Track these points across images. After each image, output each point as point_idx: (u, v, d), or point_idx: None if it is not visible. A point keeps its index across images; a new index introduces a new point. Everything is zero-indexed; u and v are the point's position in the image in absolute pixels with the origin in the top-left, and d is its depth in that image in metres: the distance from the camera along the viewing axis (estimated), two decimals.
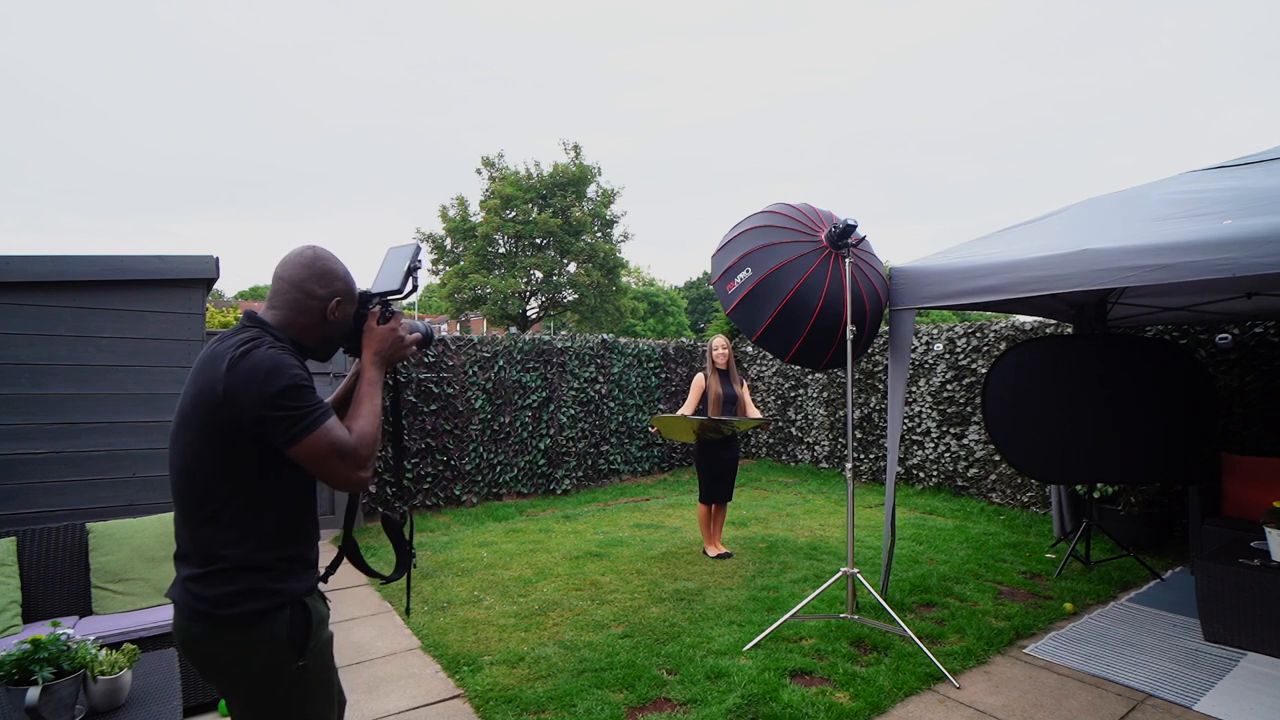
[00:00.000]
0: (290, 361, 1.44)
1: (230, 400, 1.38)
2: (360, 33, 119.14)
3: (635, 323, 35.00)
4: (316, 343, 1.61)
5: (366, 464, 1.48)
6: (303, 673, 1.47)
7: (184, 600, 1.45)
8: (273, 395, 1.38)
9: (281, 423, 1.38)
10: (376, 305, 1.66)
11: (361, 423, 1.50)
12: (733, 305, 3.76)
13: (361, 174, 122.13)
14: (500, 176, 24.08)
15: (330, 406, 1.49)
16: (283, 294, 1.56)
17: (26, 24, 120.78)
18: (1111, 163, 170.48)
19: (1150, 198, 3.61)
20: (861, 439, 8.08)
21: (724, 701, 2.95)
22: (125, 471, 3.52)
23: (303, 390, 1.42)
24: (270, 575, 1.45)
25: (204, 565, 1.43)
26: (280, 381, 1.39)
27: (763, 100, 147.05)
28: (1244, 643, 3.50)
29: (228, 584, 1.41)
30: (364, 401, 1.54)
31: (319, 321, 1.58)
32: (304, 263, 1.57)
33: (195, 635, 1.44)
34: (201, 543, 1.44)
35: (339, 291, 1.59)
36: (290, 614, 1.46)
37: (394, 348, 1.64)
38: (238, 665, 1.44)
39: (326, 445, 1.41)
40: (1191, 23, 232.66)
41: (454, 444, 7.06)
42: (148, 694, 2.08)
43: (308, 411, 1.41)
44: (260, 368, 1.39)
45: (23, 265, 3.32)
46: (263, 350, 1.42)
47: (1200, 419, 4.55)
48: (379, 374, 1.61)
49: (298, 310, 1.56)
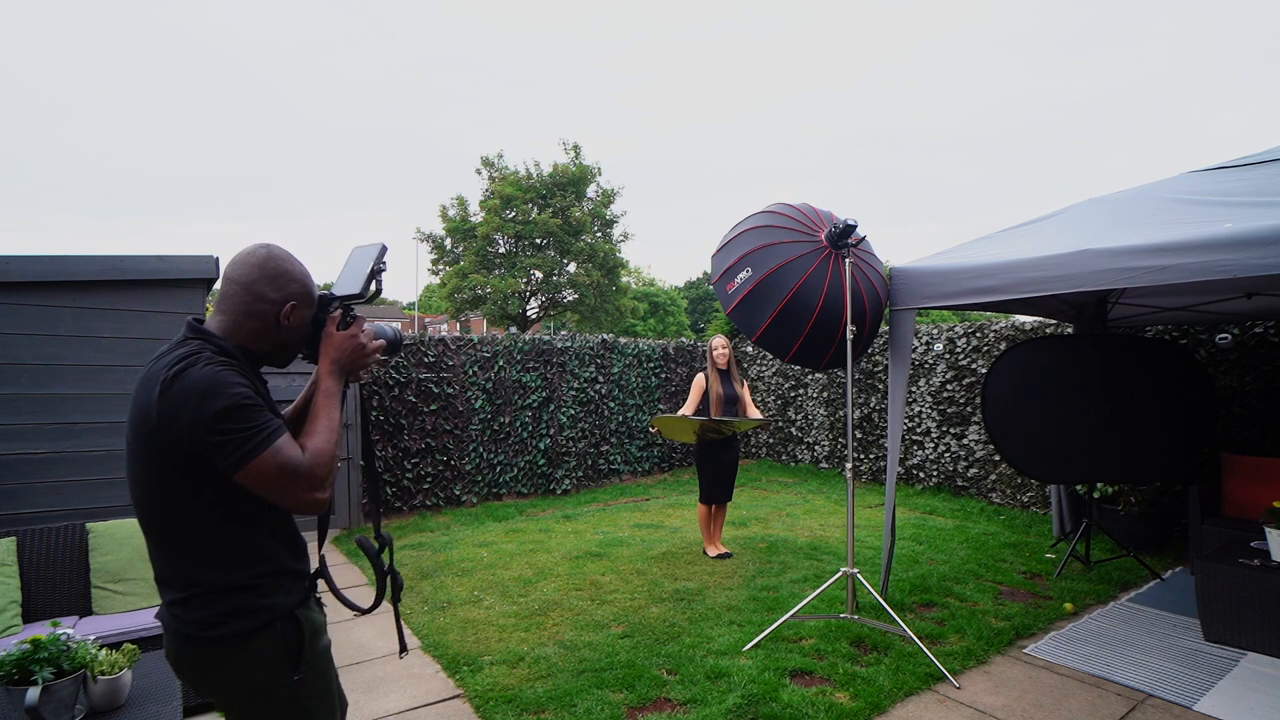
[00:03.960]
0: (229, 379, 1.30)
1: (166, 427, 1.28)
2: (359, 33, 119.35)
3: (635, 323, 34.98)
4: (269, 349, 1.48)
5: (323, 484, 1.36)
6: (299, 686, 1.42)
7: (169, 623, 1.39)
8: (210, 419, 1.26)
9: (223, 448, 1.27)
10: (337, 309, 1.51)
11: (317, 440, 1.38)
12: (733, 305, 3.76)
13: (361, 174, 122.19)
14: (500, 176, 24.04)
15: (282, 423, 1.36)
16: (232, 297, 1.43)
17: (27, 25, 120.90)
18: (1110, 163, 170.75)
19: (1150, 198, 3.61)
20: (861, 439, 8.08)
21: (724, 701, 2.95)
22: (125, 471, 3.52)
23: (244, 410, 1.29)
24: (255, 593, 1.38)
25: (184, 590, 1.37)
26: (218, 403, 1.27)
27: (762, 100, 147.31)
28: (1244, 643, 3.50)
29: (211, 606, 1.35)
30: (320, 416, 1.42)
31: (272, 327, 1.44)
32: (255, 263, 1.44)
33: (185, 656, 1.39)
34: (177, 569, 1.37)
35: (294, 294, 1.46)
36: (281, 629, 1.40)
37: (354, 355, 1.50)
38: (232, 685, 1.39)
39: (275, 467, 1.29)
40: (1190, 23, 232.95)
41: (454, 444, 7.06)
42: (148, 694, 2.08)
43: (253, 433, 1.29)
44: (195, 389, 1.27)
45: (23, 265, 3.32)
46: (198, 369, 1.29)
47: (1200, 419, 4.55)
48: (337, 384, 1.48)
49: (248, 315, 1.43)
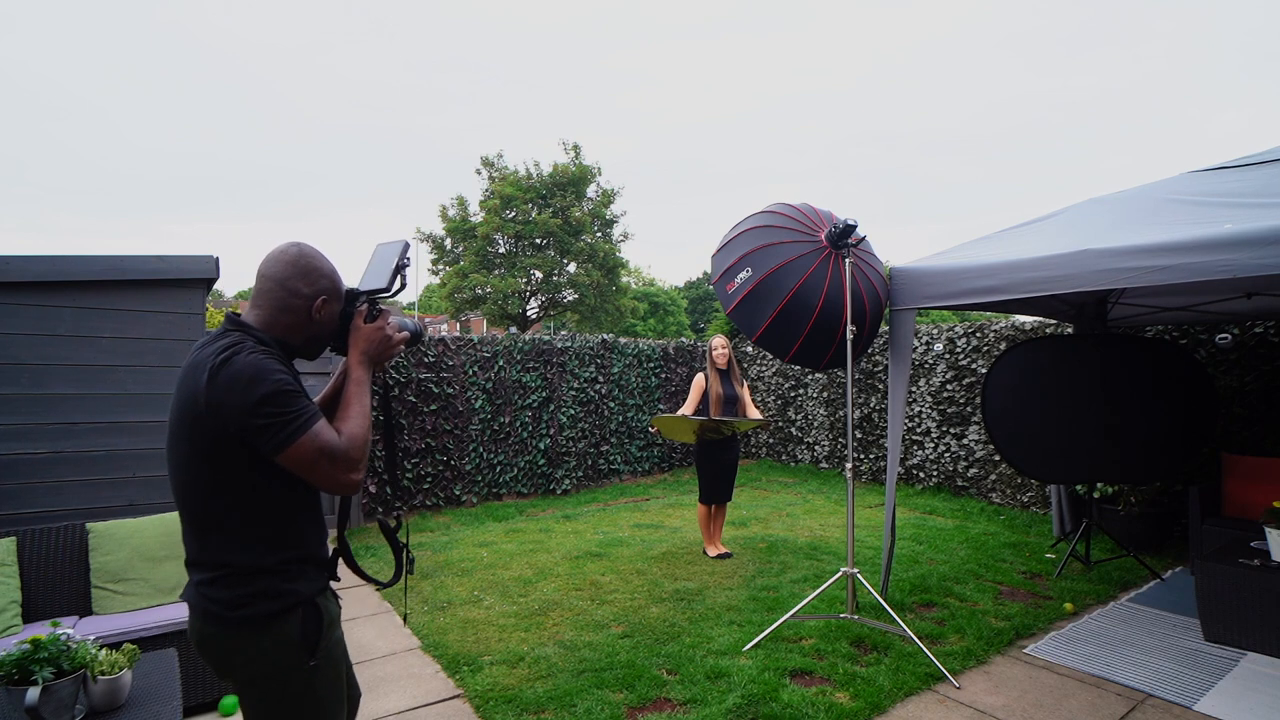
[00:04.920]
0: (273, 366, 1.41)
1: (214, 411, 1.36)
2: (359, 33, 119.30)
3: (635, 323, 34.97)
4: (302, 342, 1.58)
5: (358, 466, 1.46)
6: (314, 673, 1.48)
7: (197, 602, 1.46)
8: (255, 403, 1.35)
9: (267, 430, 1.36)
10: (363, 303, 1.62)
11: (351, 424, 1.48)
12: (733, 305, 3.76)
13: (361, 174, 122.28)
14: (500, 176, 24.02)
15: (318, 409, 1.46)
16: (267, 293, 1.53)
17: (27, 25, 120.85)
18: (1110, 163, 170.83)
19: (1150, 198, 3.61)
20: (861, 439, 8.08)
21: (724, 701, 2.95)
22: (125, 471, 3.52)
23: (287, 395, 1.39)
24: (282, 577, 1.45)
25: (214, 571, 1.44)
26: (262, 388, 1.36)
27: (762, 100, 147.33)
28: (1244, 643, 3.50)
29: (240, 587, 1.43)
30: (352, 403, 1.52)
31: (304, 320, 1.55)
32: (289, 260, 1.54)
33: (208, 636, 1.46)
34: (209, 551, 1.44)
35: (324, 290, 1.56)
36: (302, 615, 1.47)
37: (381, 347, 1.60)
38: (251, 666, 1.45)
39: (315, 450, 1.39)
40: (1190, 23, 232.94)
41: (454, 444, 7.05)
42: (148, 694, 2.08)
43: (294, 417, 1.38)
44: (242, 375, 1.36)
45: (23, 265, 3.32)
46: (243, 356, 1.39)
47: (1200, 419, 4.55)
48: (366, 374, 1.58)
49: (282, 309, 1.52)
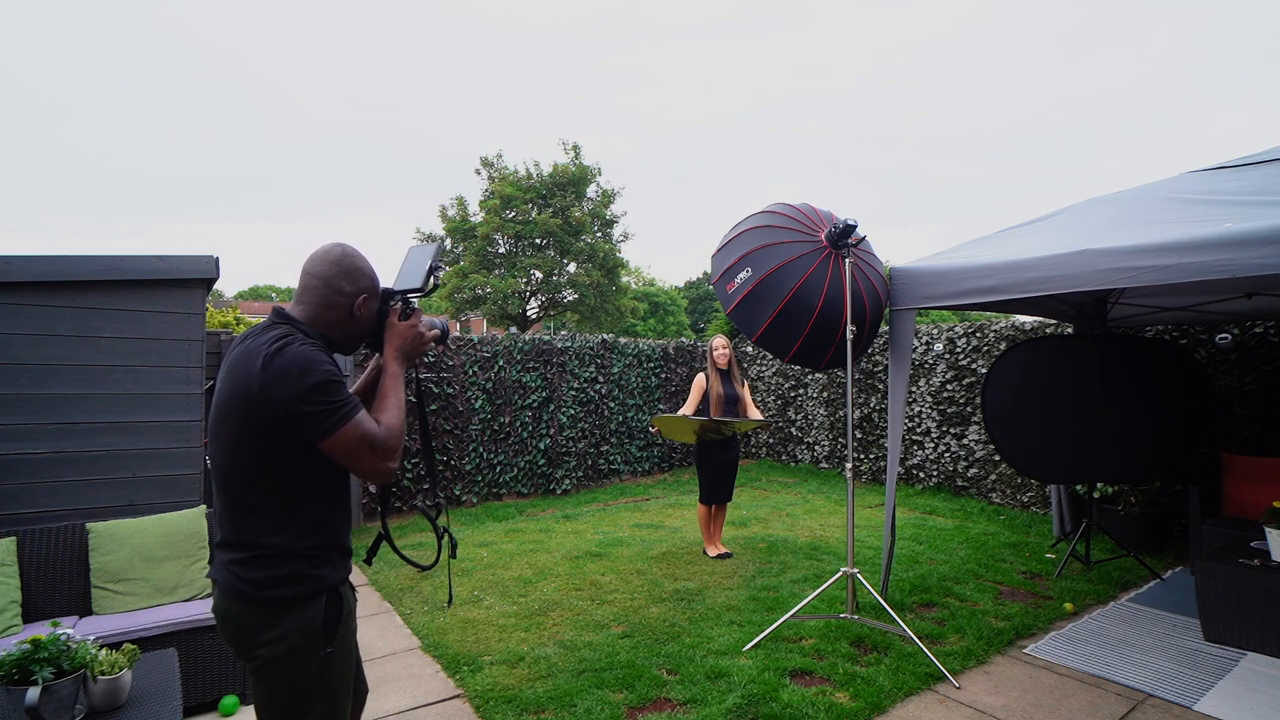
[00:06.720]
0: (322, 358, 1.49)
1: (266, 396, 1.44)
2: (359, 33, 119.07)
3: (635, 323, 34.96)
4: (343, 338, 1.66)
5: (394, 454, 1.54)
6: (330, 659, 1.53)
7: (226, 580, 1.51)
8: (306, 391, 1.43)
9: (315, 417, 1.44)
10: (398, 302, 1.71)
11: (389, 415, 1.56)
12: (733, 305, 3.76)
13: (360, 174, 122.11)
14: (500, 177, 24.01)
15: (359, 400, 1.54)
16: (312, 290, 1.61)
17: (27, 25, 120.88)
18: (1110, 163, 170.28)
19: (1150, 198, 3.61)
20: (861, 439, 8.08)
21: (724, 701, 2.95)
22: (125, 471, 3.52)
23: (335, 385, 1.47)
24: (310, 562, 1.52)
25: (247, 551, 1.50)
26: (313, 378, 1.44)
27: (762, 100, 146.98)
28: (1244, 643, 3.50)
29: (271, 568, 1.49)
30: (389, 395, 1.60)
31: (346, 317, 1.64)
32: (333, 260, 1.62)
33: (235, 613, 1.51)
34: (244, 532, 1.51)
35: (365, 288, 1.65)
36: (326, 601, 1.53)
37: (414, 343, 1.70)
38: (272, 646, 1.49)
39: (358, 438, 1.48)
40: (1190, 23, 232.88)
41: (454, 444, 7.06)
42: (148, 694, 2.08)
43: (339, 406, 1.46)
44: (294, 364, 1.44)
45: (23, 265, 3.31)
46: (295, 347, 1.48)
47: (1200, 419, 4.55)
48: (401, 368, 1.67)
49: (326, 306, 1.61)
